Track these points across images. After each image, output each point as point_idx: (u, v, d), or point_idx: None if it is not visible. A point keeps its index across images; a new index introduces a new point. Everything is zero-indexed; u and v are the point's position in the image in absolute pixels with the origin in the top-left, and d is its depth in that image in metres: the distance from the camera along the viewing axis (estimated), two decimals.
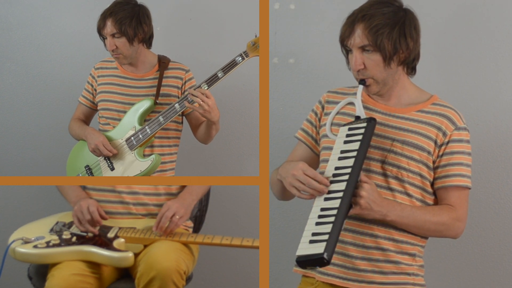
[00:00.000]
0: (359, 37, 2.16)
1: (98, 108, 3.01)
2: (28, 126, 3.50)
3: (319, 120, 2.37)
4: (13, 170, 3.49)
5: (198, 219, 2.88)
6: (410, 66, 2.25)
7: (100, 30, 2.88)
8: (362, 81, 2.21)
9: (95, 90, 3.01)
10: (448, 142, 2.21)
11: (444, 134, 2.21)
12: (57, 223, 2.66)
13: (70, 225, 2.64)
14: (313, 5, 3.13)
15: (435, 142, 2.21)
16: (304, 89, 3.15)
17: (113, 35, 2.85)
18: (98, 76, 3.00)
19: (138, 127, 2.84)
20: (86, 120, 3.10)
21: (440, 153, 2.22)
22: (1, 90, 3.49)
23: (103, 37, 2.90)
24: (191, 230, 2.77)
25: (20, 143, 3.50)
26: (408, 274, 2.23)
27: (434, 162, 2.22)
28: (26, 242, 2.54)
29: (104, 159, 2.89)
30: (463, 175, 2.21)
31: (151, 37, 2.97)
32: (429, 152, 2.21)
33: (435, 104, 2.26)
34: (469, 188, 2.23)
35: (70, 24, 3.42)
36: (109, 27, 2.84)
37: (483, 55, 3.00)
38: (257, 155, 3.24)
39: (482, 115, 2.98)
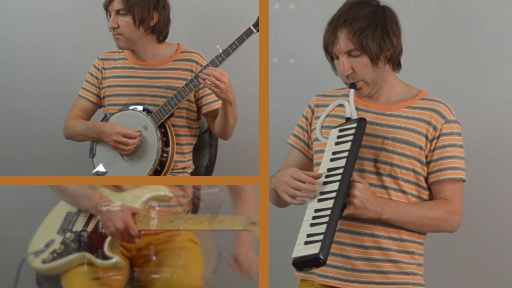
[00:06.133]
0: (343, 42, 2.17)
1: (104, 104, 2.77)
2: (28, 126, 3.50)
3: (310, 124, 2.38)
4: (13, 170, 3.48)
5: None
6: (396, 62, 2.25)
7: (107, 5, 2.62)
8: (352, 85, 2.22)
9: (101, 83, 2.78)
10: (439, 136, 2.22)
11: (435, 128, 2.22)
12: (66, 215, 2.55)
13: (75, 220, 2.57)
14: (313, 5, 3.13)
15: (426, 137, 2.22)
16: (304, 89, 3.15)
17: (118, 12, 2.59)
18: (104, 68, 2.77)
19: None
20: (87, 119, 2.83)
21: (432, 147, 2.22)
22: (2, 89, 3.49)
23: (109, 14, 2.63)
24: None
25: (20, 143, 3.50)
26: (408, 273, 2.23)
27: (426, 157, 2.22)
28: (37, 254, 2.48)
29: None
30: (457, 167, 2.21)
31: (163, 31, 2.69)
32: (420, 147, 2.21)
33: (424, 99, 2.26)
34: (464, 181, 2.23)
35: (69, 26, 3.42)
36: (116, 2, 2.59)
37: (481, 55, 2.99)
38: (257, 155, 3.23)
39: (482, 115, 2.97)
